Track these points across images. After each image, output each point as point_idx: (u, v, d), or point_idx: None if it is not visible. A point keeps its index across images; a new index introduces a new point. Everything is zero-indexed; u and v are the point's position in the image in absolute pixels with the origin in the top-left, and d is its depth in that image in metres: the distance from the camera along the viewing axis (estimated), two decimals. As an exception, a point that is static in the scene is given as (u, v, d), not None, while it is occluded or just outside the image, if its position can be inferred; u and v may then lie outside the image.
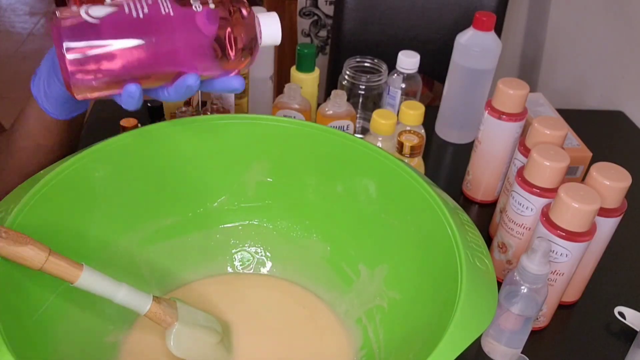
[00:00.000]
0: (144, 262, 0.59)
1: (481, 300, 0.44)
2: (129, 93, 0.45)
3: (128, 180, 0.56)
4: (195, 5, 0.45)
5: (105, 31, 0.42)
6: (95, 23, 0.42)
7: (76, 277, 0.45)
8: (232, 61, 0.47)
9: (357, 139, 0.58)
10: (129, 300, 0.48)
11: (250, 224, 0.64)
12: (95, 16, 0.42)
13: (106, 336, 0.54)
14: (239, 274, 0.64)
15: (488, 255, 0.48)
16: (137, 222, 0.58)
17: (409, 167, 0.55)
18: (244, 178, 0.62)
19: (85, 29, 0.42)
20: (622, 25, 1.03)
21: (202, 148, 0.59)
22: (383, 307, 0.56)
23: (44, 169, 0.52)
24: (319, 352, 0.57)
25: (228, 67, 0.47)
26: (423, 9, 1.20)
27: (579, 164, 0.77)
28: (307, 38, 1.66)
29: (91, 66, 0.43)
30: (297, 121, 0.59)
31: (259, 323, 0.59)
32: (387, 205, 0.57)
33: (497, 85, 0.70)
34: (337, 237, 0.61)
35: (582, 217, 0.52)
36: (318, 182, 0.61)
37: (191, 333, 0.51)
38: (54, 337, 0.48)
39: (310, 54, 0.79)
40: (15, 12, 2.82)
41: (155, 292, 0.58)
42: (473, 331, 0.41)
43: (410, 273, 0.54)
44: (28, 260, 0.42)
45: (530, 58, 1.35)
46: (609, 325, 0.63)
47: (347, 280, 0.60)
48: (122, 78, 0.44)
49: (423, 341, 0.46)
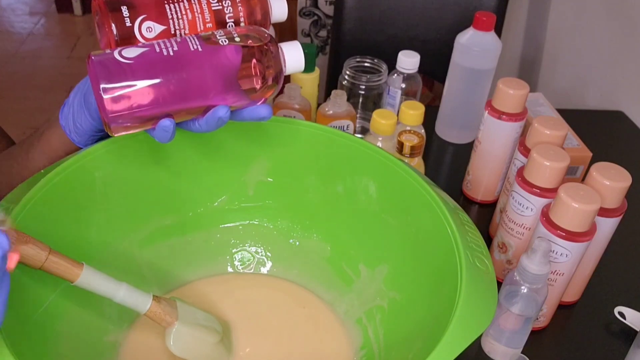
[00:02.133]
0: (144, 262, 0.59)
1: (481, 300, 0.44)
2: (163, 128, 0.46)
3: (128, 179, 0.56)
4: (222, 40, 0.46)
5: (138, 70, 0.44)
6: (129, 63, 0.44)
7: (76, 276, 0.45)
8: (259, 92, 0.49)
9: (357, 139, 0.58)
10: (129, 299, 0.48)
11: (250, 223, 0.64)
12: (128, 57, 0.44)
13: (106, 335, 0.54)
14: (239, 273, 0.64)
15: (488, 255, 0.48)
16: (137, 221, 0.58)
17: (409, 167, 0.55)
18: (245, 178, 0.62)
19: (120, 69, 0.44)
20: (622, 26, 1.03)
21: (203, 148, 0.59)
22: (383, 307, 0.56)
23: (44, 169, 0.52)
24: (319, 352, 0.57)
25: (255, 98, 0.49)
26: (423, 9, 1.20)
27: (579, 164, 0.77)
28: (307, 38, 1.66)
29: (128, 104, 0.44)
30: (297, 121, 0.60)
31: (259, 323, 0.59)
32: (387, 205, 0.57)
33: (497, 85, 0.70)
34: (337, 237, 0.61)
35: (582, 217, 0.52)
36: (318, 182, 0.61)
37: (191, 332, 0.51)
38: (54, 336, 0.48)
39: (310, 54, 0.79)
40: (15, 12, 2.82)
41: (155, 292, 0.57)
42: (473, 331, 0.41)
43: (410, 273, 0.54)
44: (28, 258, 0.42)
45: (530, 58, 1.35)
46: (608, 325, 0.63)
47: (347, 280, 0.60)
48: (157, 115, 0.46)
49: (423, 341, 0.46)
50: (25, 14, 2.82)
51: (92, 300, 0.50)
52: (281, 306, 0.61)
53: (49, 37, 2.66)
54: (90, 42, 2.62)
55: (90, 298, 0.48)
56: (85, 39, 2.65)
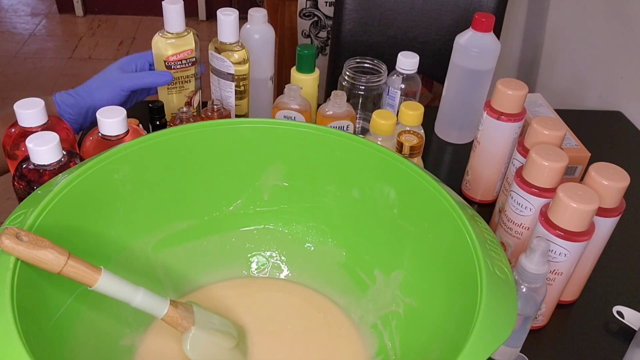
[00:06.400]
0: (160, 265, 0.59)
1: (502, 309, 0.43)
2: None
3: (145, 183, 0.56)
4: None
5: None
6: None
7: (94, 281, 0.44)
8: None
9: (375, 144, 0.57)
10: (146, 304, 0.48)
11: (265, 228, 0.64)
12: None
13: (122, 339, 0.54)
14: (254, 278, 0.64)
15: (507, 263, 0.47)
16: (154, 225, 0.58)
17: (427, 174, 0.54)
18: (260, 182, 0.62)
19: None
20: (621, 26, 1.03)
21: (219, 152, 0.59)
22: (399, 314, 0.56)
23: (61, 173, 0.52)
24: (334, 357, 0.56)
25: None
26: (422, 10, 1.21)
27: (578, 164, 0.78)
28: (307, 39, 1.67)
29: None
30: (313, 126, 0.59)
31: (274, 327, 0.59)
32: (403, 211, 0.57)
33: (496, 86, 0.70)
34: (353, 242, 0.61)
35: (581, 216, 0.53)
36: (334, 187, 0.61)
37: (207, 337, 0.51)
38: (71, 340, 0.48)
39: (310, 54, 0.79)
40: (17, 12, 2.83)
41: (171, 295, 0.58)
42: (494, 341, 0.40)
43: (427, 280, 0.54)
44: (47, 264, 0.42)
45: (529, 59, 1.35)
46: (607, 325, 0.64)
47: (363, 285, 0.60)
48: None
49: (440, 350, 0.46)
50: (27, 14, 2.82)
51: (109, 304, 0.50)
52: (296, 311, 0.61)
53: (51, 37, 2.66)
54: (91, 43, 2.63)
55: (107, 302, 0.48)
56: (87, 39, 2.66)
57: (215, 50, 0.76)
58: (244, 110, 0.81)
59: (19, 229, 0.42)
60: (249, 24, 0.81)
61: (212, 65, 0.77)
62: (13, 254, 0.41)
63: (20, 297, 0.40)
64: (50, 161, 0.57)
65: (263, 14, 0.80)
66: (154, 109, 0.77)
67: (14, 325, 0.37)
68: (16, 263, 0.41)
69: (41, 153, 0.56)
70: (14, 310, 0.38)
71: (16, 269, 0.41)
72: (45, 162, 0.57)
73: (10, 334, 0.37)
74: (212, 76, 0.79)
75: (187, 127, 0.58)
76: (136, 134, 0.64)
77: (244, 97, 0.79)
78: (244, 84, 0.77)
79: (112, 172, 0.53)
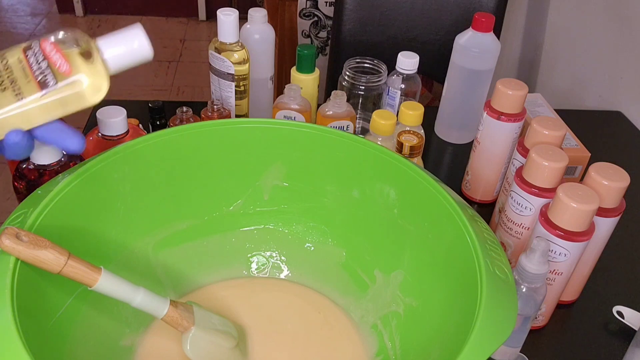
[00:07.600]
0: (160, 265, 0.59)
1: (501, 310, 0.43)
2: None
3: (145, 183, 0.56)
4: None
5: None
6: None
7: (94, 281, 0.44)
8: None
9: (375, 144, 0.58)
10: (146, 304, 0.48)
11: (265, 228, 0.64)
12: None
13: (122, 339, 0.54)
14: (254, 277, 0.64)
15: (507, 264, 0.47)
16: (154, 225, 0.58)
17: (427, 174, 0.54)
18: (260, 182, 0.62)
19: None
20: (620, 26, 1.03)
21: (219, 152, 0.59)
22: (399, 314, 0.56)
23: (61, 173, 0.51)
24: (334, 357, 0.57)
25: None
26: (422, 10, 1.21)
27: (578, 164, 0.78)
28: (307, 39, 1.67)
29: None
30: (313, 126, 0.59)
31: (274, 327, 0.59)
32: (403, 211, 0.57)
33: (496, 86, 0.70)
34: (353, 242, 0.61)
35: (581, 216, 0.53)
36: (334, 187, 0.61)
37: (207, 337, 0.51)
38: (71, 340, 0.48)
39: (310, 54, 0.79)
40: (17, 13, 2.83)
41: (171, 295, 0.58)
42: (494, 342, 0.40)
43: (427, 280, 0.54)
44: (47, 264, 0.42)
45: (529, 59, 1.36)
46: (607, 325, 0.64)
47: (363, 285, 0.60)
48: None
49: (440, 349, 0.46)
50: (27, 14, 2.82)
51: (109, 304, 0.50)
52: (296, 311, 0.61)
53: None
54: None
55: (107, 302, 0.48)
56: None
57: (215, 50, 0.76)
58: (244, 110, 0.81)
59: (19, 229, 0.42)
60: (249, 24, 0.81)
61: (212, 65, 0.77)
62: (13, 254, 0.41)
63: (20, 297, 0.40)
64: (50, 161, 0.57)
65: (263, 14, 0.81)
66: (154, 109, 0.77)
67: (14, 325, 0.37)
68: (16, 263, 0.41)
69: (41, 153, 0.56)
70: (14, 310, 0.38)
71: (16, 269, 0.41)
72: (45, 162, 0.56)
73: (10, 334, 0.37)
74: (212, 76, 0.79)
75: (187, 127, 0.58)
76: (136, 134, 0.65)
77: (244, 97, 0.79)
78: (244, 84, 0.77)
79: (112, 172, 0.53)
